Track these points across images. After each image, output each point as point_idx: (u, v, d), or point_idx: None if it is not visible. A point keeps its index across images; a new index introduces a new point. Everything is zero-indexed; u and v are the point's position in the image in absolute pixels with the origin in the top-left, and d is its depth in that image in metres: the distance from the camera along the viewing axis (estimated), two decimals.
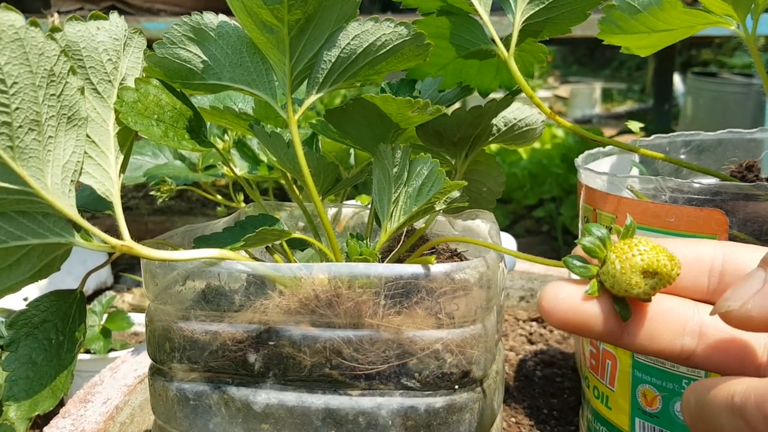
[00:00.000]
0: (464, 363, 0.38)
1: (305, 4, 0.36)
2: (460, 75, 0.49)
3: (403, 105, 0.40)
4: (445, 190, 0.39)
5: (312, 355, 0.38)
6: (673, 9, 0.43)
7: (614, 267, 0.30)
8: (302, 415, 0.38)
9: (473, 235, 0.51)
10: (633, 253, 0.30)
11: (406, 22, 0.39)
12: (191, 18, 0.38)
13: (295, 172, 0.42)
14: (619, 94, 4.33)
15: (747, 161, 0.55)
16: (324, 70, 0.39)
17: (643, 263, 0.30)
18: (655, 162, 0.57)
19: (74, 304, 0.42)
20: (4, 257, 0.36)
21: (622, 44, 0.49)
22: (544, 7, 0.42)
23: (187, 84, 0.40)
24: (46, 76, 0.33)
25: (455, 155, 0.50)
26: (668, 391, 0.44)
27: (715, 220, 0.40)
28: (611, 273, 0.31)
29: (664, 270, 0.30)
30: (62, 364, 0.40)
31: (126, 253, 0.36)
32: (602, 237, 0.31)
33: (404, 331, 0.38)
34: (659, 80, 2.49)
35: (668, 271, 0.30)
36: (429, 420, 0.38)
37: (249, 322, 0.39)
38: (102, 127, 0.36)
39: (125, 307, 1.37)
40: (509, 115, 0.50)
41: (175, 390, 0.40)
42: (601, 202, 0.46)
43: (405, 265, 0.38)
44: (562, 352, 0.84)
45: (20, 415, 0.39)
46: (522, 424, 0.69)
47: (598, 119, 3.53)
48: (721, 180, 0.50)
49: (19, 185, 0.33)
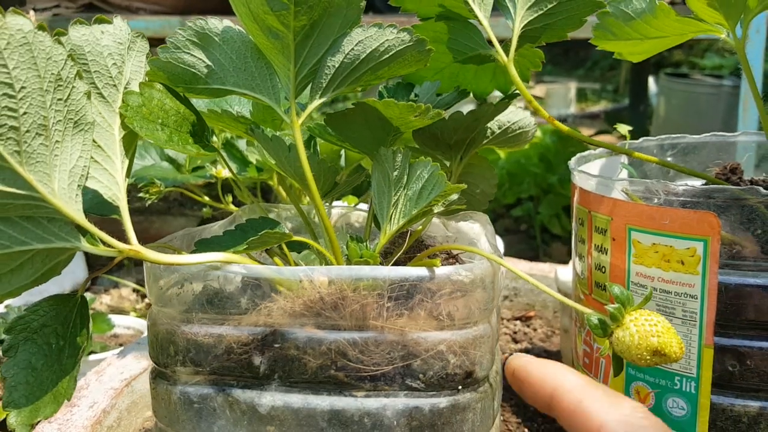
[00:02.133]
0: (467, 363, 0.39)
1: (311, 11, 0.36)
2: (456, 79, 0.50)
3: (405, 109, 0.41)
4: (445, 193, 0.40)
5: (317, 357, 0.38)
6: (665, 17, 0.44)
7: (632, 340, 0.33)
8: (307, 416, 0.38)
9: (467, 236, 0.52)
10: (651, 332, 0.33)
11: (408, 28, 0.39)
12: (195, 23, 0.38)
13: (297, 176, 0.43)
14: (593, 93, 4.39)
15: (731, 164, 0.56)
16: (328, 75, 0.39)
17: (658, 345, 0.33)
18: (644, 164, 0.58)
19: (75, 309, 0.41)
20: (6, 262, 0.36)
21: (615, 50, 0.50)
22: (543, 13, 0.43)
23: (191, 88, 0.40)
24: (53, 80, 0.32)
25: (451, 158, 0.51)
26: (661, 387, 0.45)
27: (708, 222, 0.41)
28: (626, 343, 0.33)
29: (673, 356, 0.33)
30: (64, 369, 0.40)
31: (133, 257, 0.36)
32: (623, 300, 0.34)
33: (408, 332, 0.38)
34: (635, 81, 2.54)
35: (675, 357, 0.33)
36: (433, 420, 0.38)
37: (254, 324, 0.39)
38: (107, 132, 0.36)
39: (103, 309, 1.36)
40: (503, 118, 0.51)
41: (179, 393, 0.40)
42: (595, 205, 0.47)
43: (410, 268, 0.38)
44: (547, 350, 0.86)
45: (20, 421, 0.39)
46: (509, 421, 0.70)
47: (573, 119, 3.57)
48: (709, 182, 0.52)
49: (26, 190, 0.33)
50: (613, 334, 0.34)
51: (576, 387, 0.33)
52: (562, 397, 0.33)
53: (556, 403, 0.33)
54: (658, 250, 0.43)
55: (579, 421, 0.31)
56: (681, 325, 0.43)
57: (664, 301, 0.44)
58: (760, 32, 1.20)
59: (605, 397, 0.32)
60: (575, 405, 0.32)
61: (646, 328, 0.33)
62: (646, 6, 0.44)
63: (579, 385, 0.33)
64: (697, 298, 0.42)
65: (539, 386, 0.34)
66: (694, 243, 0.42)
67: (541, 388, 0.34)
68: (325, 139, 0.49)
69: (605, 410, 0.31)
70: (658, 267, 0.43)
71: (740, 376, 0.43)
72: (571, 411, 0.32)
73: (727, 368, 0.43)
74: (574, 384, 0.33)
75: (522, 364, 0.36)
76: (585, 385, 0.33)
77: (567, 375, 0.34)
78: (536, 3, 0.43)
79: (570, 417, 0.32)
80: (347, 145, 0.47)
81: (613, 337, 0.34)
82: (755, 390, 0.43)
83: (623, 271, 0.45)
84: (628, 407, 0.31)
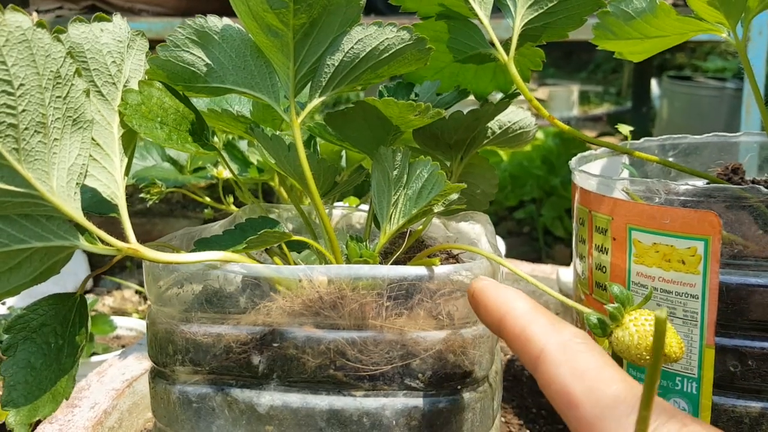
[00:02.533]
0: (467, 363, 0.39)
1: (310, 9, 0.36)
2: (457, 78, 0.50)
3: (405, 108, 0.41)
4: (444, 192, 0.40)
5: (316, 357, 0.38)
6: (666, 16, 0.44)
7: (631, 339, 0.33)
8: (306, 416, 0.38)
9: (467, 236, 0.52)
10: (651, 332, 0.33)
11: (408, 27, 0.39)
12: (195, 21, 0.38)
13: (296, 175, 0.43)
14: (596, 96, 4.39)
15: (732, 164, 0.56)
16: (327, 73, 0.39)
17: None
18: (645, 164, 0.58)
19: (74, 308, 0.41)
20: (5, 260, 0.36)
21: (616, 50, 0.50)
22: (544, 12, 0.43)
23: (190, 87, 0.40)
24: (52, 78, 0.32)
25: (451, 158, 0.51)
26: (662, 388, 0.45)
27: (709, 221, 0.41)
28: (626, 343, 0.33)
29: (673, 356, 0.33)
30: (63, 368, 0.40)
31: (131, 256, 0.36)
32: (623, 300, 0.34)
33: (407, 332, 0.38)
34: (637, 83, 2.54)
35: (675, 357, 0.33)
36: (432, 420, 0.38)
37: (253, 324, 0.39)
38: (106, 130, 0.36)
39: (106, 311, 1.36)
40: (504, 118, 0.51)
41: (178, 392, 0.40)
42: (596, 204, 0.46)
43: (409, 267, 0.38)
44: None
45: (19, 420, 0.39)
46: (511, 423, 0.70)
47: (576, 121, 3.57)
48: (711, 182, 0.51)
49: (24, 188, 0.33)
50: (612, 333, 0.34)
51: (522, 313, 0.33)
52: (509, 322, 0.33)
53: (504, 328, 0.33)
54: (658, 250, 0.42)
55: (522, 345, 0.32)
56: (682, 325, 0.43)
57: (665, 301, 0.43)
58: (762, 34, 1.19)
59: (548, 323, 0.32)
60: (520, 330, 0.32)
61: (645, 327, 0.33)
62: (646, 5, 0.44)
63: (526, 311, 0.33)
64: (698, 298, 0.42)
65: (493, 310, 0.34)
66: (695, 242, 0.41)
67: (493, 313, 0.34)
68: (325, 139, 0.49)
69: (546, 335, 0.31)
70: (659, 267, 0.43)
71: (742, 377, 0.43)
72: (516, 335, 0.32)
73: (728, 369, 0.43)
74: (521, 310, 0.33)
75: (480, 288, 0.36)
76: (531, 311, 0.33)
77: (516, 301, 0.34)
78: (536, 2, 0.43)
79: (514, 341, 0.33)
80: (347, 144, 0.47)
81: (613, 336, 0.34)
82: (757, 391, 0.43)
83: (624, 271, 0.45)
84: (569, 333, 0.31)
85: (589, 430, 0.28)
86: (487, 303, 0.35)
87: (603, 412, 0.27)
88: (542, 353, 0.31)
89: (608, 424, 0.27)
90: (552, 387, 0.30)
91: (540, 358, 0.31)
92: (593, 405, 0.28)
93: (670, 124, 2.75)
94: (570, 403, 0.29)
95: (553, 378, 0.30)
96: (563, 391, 0.29)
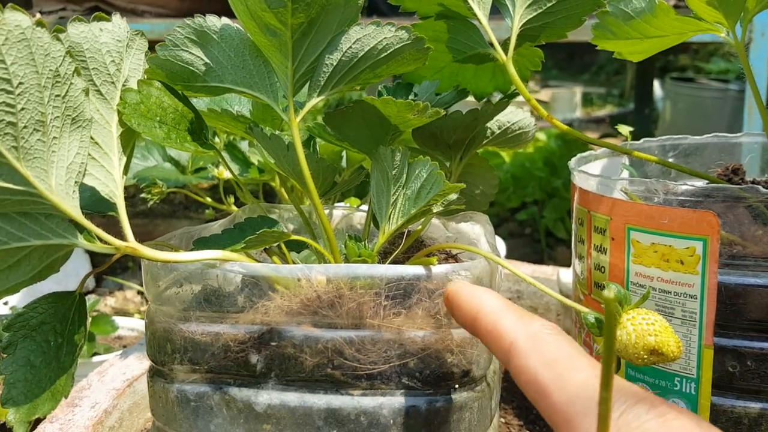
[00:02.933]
0: (464, 362, 0.39)
1: (308, 8, 0.37)
2: (456, 78, 0.50)
3: (404, 108, 0.41)
4: (443, 192, 0.40)
5: (314, 356, 0.38)
6: (665, 16, 0.44)
7: (629, 339, 0.33)
8: (304, 415, 0.38)
9: (467, 237, 0.52)
10: (648, 331, 0.33)
11: (406, 26, 0.39)
12: (194, 20, 0.38)
13: (295, 175, 0.43)
14: (599, 98, 4.39)
15: (733, 164, 0.56)
16: (326, 73, 0.39)
17: (655, 344, 0.33)
18: (645, 165, 0.58)
19: (73, 307, 0.42)
20: (4, 258, 0.36)
21: (615, 49, 0.50)
22: (542, 12, 0.43)
23: (189, 86, 0.40)
24: (51, 76, 0.33)
25: (450, 158, 0.51)
26: (661, 388, 0.45)
27: (708, 221, 0.41)
28: (623, 342, 0.33)
29: (670, 355, 0.32)
30: (62, 367, 0.40)
31: (130, 255, 0.36)
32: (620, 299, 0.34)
33: (405, 331, 0.38)
34: (640, 85, 2.53)
35: (673, 356, 0.33)
36: (430, 419, 0.38)
37: (251, 323, 0.39)
38: (105, 129, 0.36)
39: (108, 311, 1.36)
40: (503, 119, 0.51)
41: (176, 391, 0.40)
42: (595, 204, 0.46)
43: (407, 266, 0.38)
44: None
45: (19, 418, 0.39)
46: (511, 424, 0.70)
47: (579, 123, 3.57)
48: (710, 182, 0.51)
49: (23, 186, 0.33)
50: None
51: (493, 310, 0.34)
52: (481, 319, 0.34)
53: (477, 326, 0.34)
54: (657, 250, 0.42)
55: (494, 340, 0.33)
56: (680, 326, 0.43)
57: (664, 301, 0.43)
58: (765, 35, 1.19)
59: (517, 317, 0.33)
60: (491, 326, 0.33)
61: (643, 327, 0.33)
62: (645, 5, 0.44)
63: (497, 308, 0.34)
64: (696, 298, 0.42)
65: (466, 310, 0.35)
66: (694, 242, 0.41)
67: (467, 313, 0.35)
68: (325, 139, 0.49)
69: (516, 328, 0.32)
70: (658, 267, 0.43)
71: (741, 377, 0.43)
72: (488, 332, 0.33)
73: (727, 369, 0.43)
74: (492, 307, 0.34)
75: (453, 290, 0.37)
76: (502, 307, 0.34)
77: (488, 299, 0.34)
78: (535, 2, 0.43)
79: (487, 337, 0.33)
80: (346, 144, 0.47)
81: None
82: (756, 391, 0.43)
83: (622, 271, 0.45)
84: (537, 325, 0.32)
85: (559, 417, 0.28)
86: (460, 304, 0.36)
87: (571, 399, 0.28)
88: (512, 345, 0.31)
89: (577, 409, 0.27)
90: (522, 377, 0.30)
91: (511, 350, 0.31)
92: (562, 392, 0.28)
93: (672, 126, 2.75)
94: (540, 392, 0.29)
95: (523, 368, 0.30)
96: (533, 380, 0.29)
